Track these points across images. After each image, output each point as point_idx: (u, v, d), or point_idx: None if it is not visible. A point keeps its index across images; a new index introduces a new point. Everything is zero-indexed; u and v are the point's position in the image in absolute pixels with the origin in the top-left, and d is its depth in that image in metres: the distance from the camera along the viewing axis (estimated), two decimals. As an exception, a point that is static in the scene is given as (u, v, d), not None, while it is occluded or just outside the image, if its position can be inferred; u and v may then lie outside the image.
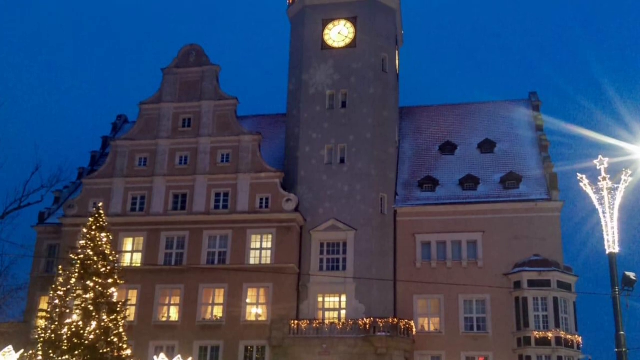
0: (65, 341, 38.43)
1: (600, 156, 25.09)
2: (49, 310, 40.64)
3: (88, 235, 41.44)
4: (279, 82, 71.95)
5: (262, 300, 56.70)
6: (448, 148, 64.10)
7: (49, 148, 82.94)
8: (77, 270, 40.42)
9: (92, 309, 39.57)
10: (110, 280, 40.90)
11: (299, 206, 58.46)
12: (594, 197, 24.58)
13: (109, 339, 39.25)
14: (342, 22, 64.04)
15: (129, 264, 58.26)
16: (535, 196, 57.60)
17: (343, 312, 56.02)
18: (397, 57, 67.45)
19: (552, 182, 57.46)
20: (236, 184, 59.40)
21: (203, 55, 64.43)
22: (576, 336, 53.16)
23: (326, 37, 63.82)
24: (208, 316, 56.88)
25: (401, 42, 71.41)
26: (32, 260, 59.49)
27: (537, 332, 52.57)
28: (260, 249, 57.84)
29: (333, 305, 56.73)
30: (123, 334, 40.77)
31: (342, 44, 63.51)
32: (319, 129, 61.08)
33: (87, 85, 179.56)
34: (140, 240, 59.44)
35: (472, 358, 55.07)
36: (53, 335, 38.78)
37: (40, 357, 37.77)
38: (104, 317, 39.92)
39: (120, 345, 39.54)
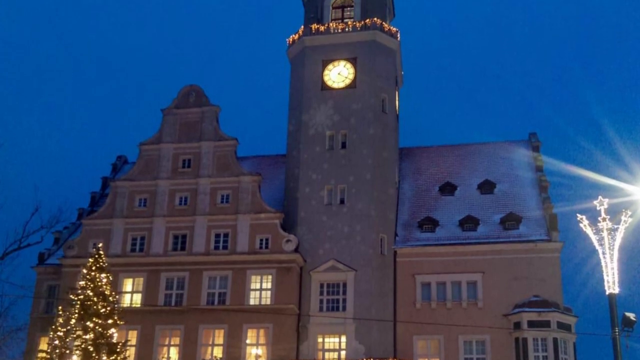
0: (65, 382, 38.45)
1: (600, 197, 25.25)
2: (48, 351, 40.75)
3: (88, 276, 41.60)
4: (279, 122, 72.33)
5: (262, 340, 56.41)
6: (448, 189, 64.15)
7: (48, 189, 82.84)
8: (77, 311, 40.53)
9: (92, 349, 39.63)
10: (110, 321, 41.01)
11: (298, 247, 58.42)
12: (593, 238, 24.69)
13: (109, 380, 39.27)
14: (342, 62, 64.35)
15: (128, 305, 58.14)
16: (535, 237, 57.57)
17: (343, 353, 55.74)
18: (397, 98, 67.68)
19: (552, 223, 57.45)
20: (236, 225, 59.39)
21: (203, 95, 64.58)
22: (577, 377, 53.04)
23: (326, 78, 64.08)
24: (208, 357, 56.53)
25: (401, 82, 71.75)
26: (31, 300, 59.35)
27: (537, 373, 52.43)
28: (260, 289, 57.68)
29: (333, 346, 56.46)
30: (123, 374, 40.80)
31: (341, 85, 63.74)
32: (318, 170, 61.17)
33: (87, 126, 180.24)
34: (140, 280, 59.29)
35: (472, 399, 54.97)
36: (52, 376, 38.80)
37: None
38: (104, 357, 39.98)
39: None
